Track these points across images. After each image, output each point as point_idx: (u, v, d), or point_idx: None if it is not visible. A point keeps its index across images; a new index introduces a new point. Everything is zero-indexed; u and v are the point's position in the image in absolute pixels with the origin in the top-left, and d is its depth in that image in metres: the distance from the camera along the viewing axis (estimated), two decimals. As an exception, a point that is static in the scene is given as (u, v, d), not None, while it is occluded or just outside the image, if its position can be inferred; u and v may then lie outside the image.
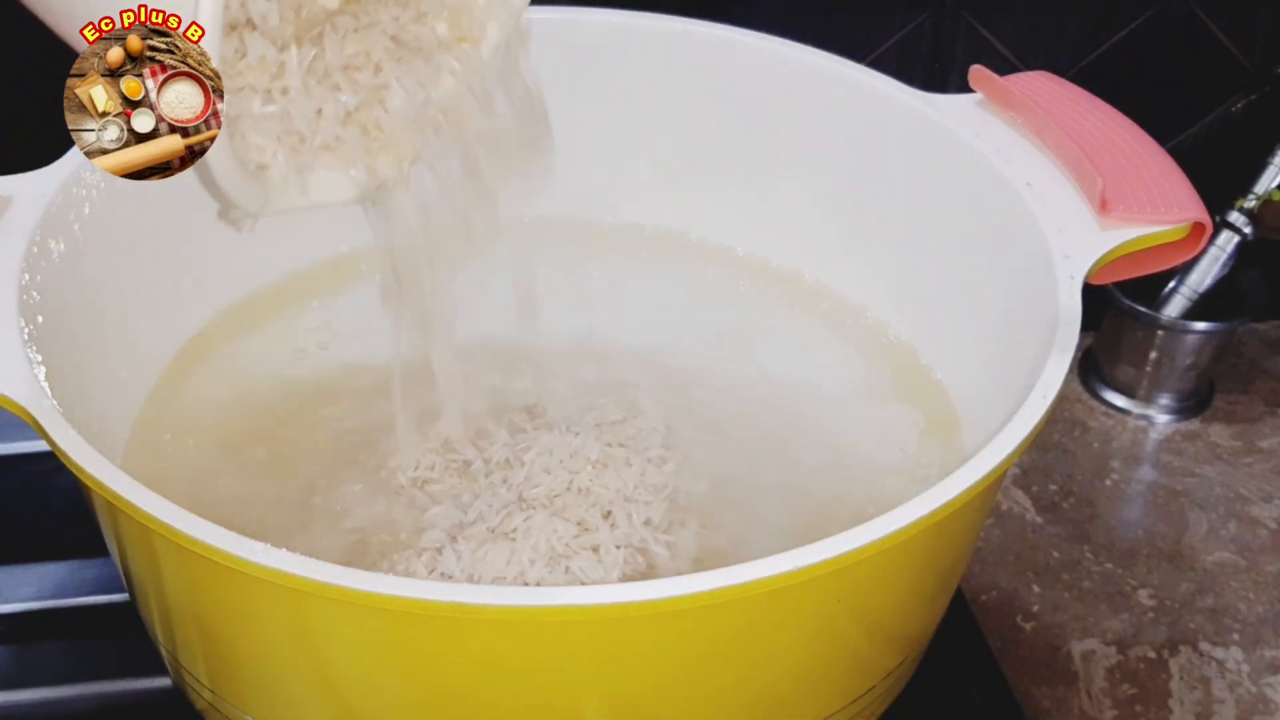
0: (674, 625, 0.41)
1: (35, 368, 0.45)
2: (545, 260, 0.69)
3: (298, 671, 0.45)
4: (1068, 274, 0.50)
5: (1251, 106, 0.84)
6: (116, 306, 0.56)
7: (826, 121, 0.63)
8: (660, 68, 0.66)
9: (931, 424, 0.60)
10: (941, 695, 0.58)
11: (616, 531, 0.52)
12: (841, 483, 0.57)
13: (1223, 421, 0.76)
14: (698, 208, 0.69)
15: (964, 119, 0.59)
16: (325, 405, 0.60)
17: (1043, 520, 0.70)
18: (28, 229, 0.50)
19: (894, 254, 0.64)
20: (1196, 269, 0.73)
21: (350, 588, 0.38)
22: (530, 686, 0.43)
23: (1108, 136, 0.56)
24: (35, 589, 0.61)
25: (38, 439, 0.43)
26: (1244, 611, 0.65)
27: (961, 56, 0.80)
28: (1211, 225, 0.54)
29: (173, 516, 0.40)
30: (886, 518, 0.40)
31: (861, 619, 0.46)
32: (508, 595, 0.38)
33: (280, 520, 0.54)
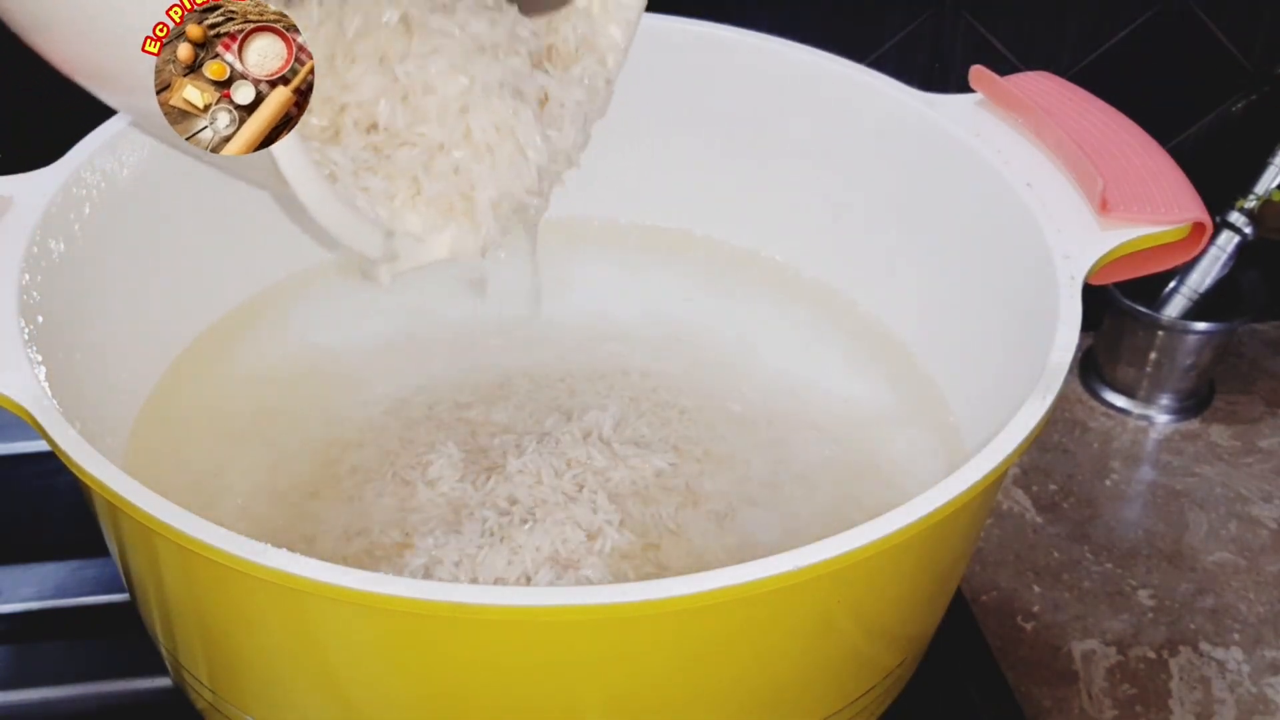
0: (674, 625, 0.41)
1: (35, 368, 0.45)
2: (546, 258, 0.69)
3: (298, 671, 0.45)
4: (1068, 274, 0.51)
5: (1251, 106, 0.84)
6: (117, 306, 0.56)
7: (827, 121, 0.64)
8: (661, 68, 0.66)
9: (931, 424, 0.60)
10: (941, 695, 0.58)
11: (619, 530, 0.53)
12: (841, 482, 0.57)
13: (1223, 422, 0.76)
14: (697, 206, 0.69)
15: (964, 119, 0.59)
16: (325, 405, 0.60)
17: (1043, 520, 0.70)
18: (28, 229, 0.50)
19: (894, 254, 0.64)
20: (1197, 269, 0.73)
21: (350, 588, 0.38)
22: (530, 686, 0.43)
23: (1108, 136, 0.56)
24: (36, 589, 0.61)
25: (38, 439, 0.43)
26: (1244, 612, 0.65)
27: (961, 56, 0.80)
28: (1211, 225, 0.54)
29: (173, 517, 0.40)
30: (886, 518, 0.40)
31: (861, 619, 0.46)
32: (508, 595, 0.38)
33: (281, 520, 0.54)
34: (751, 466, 0.57)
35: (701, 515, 0.54)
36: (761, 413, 0.60)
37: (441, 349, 0.63)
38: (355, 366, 0.62)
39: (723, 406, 0.61)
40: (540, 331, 0.64)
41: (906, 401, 0.61)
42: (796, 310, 0.66)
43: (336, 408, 0.60)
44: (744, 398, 0.61)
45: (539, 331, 0.64)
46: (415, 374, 0.62)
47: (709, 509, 0.55)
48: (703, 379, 0.62)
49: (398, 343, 0.64)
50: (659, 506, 0.54)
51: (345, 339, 0.64)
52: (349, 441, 0.58)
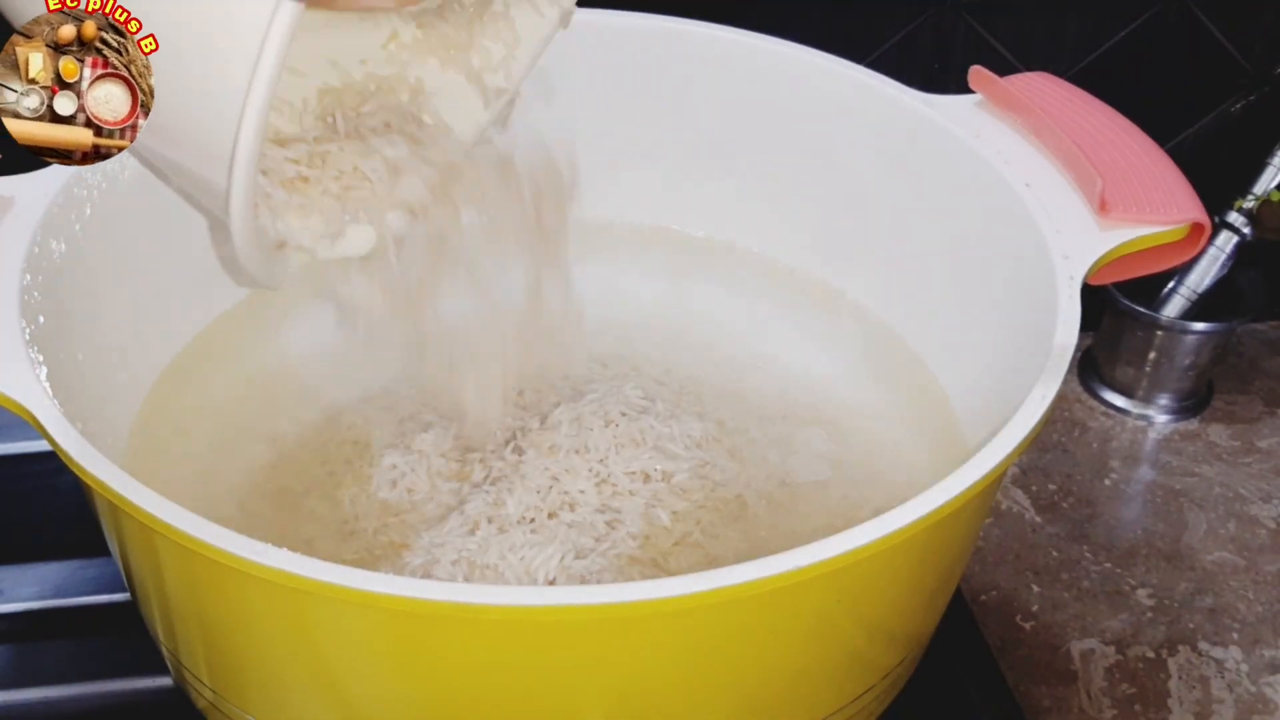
0: (674, 625, 0.41)
1: (37, 368, 0.45)
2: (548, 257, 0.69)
3: (298, 671, 0.45)
4: (1067, 274, 0.51)
5: (1251, 107, 0.84)
6: (117, 306, 0.56)
7: (827, 122, 0.64)
8: (661, 68, 0.66)
9: (931, 423, 0.60)
10: (941, 695, 0.58)
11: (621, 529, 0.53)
12: (842, 482, 0.57)
13: (1222, 421, 0.76)
14: (697, 206, 0.69)
15: (964, 119, 0.59)
16: (326, 404, 0.60)
17: (1042, 520, 0.70)
18: (29, 229, 0.51)
19: (894, 254, 0.64)
20: (1195, 269, 0.73)
21: (350, 587, 0.38)
22: (530, 686, 0.43)
23: (1107, 137, 0.56)
24: (36, 588, 0.61)
25: (39, 439, 0.43)
26: (1243, 611, 0.65)
27: (961, 57, 0.80)
28: (1210, 226, 0.54)
29: (174, 516, 0.40)
30: (886, 518, 0.40)
31: (861, 619, 0.46)
32: (508, 595, 0.38)
33: (280, 519, 0.55)
34: (752, 466, 0.57)
35: (703, 515, 0.54)
36: (762, 412, 0.61)
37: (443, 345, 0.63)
38: (354, 365, 0.62)
39: (723, 406, 0.61)
40: (541, 329, 0.64)
41: (905, 400, 0.62)
42: (796, 310, 0.66)
43: (336, 406, 0.60)
44: (743, 397, 0.61)
45: (539, 329, 0.64)
46: (413, 371, 0.62)
47: (711, 509, 0.55)
48: (702, 379, 0.62)
49: (397, 341, 0.64)
50: (660, 506, 0.54)
51: (344, 338, 0.64)
52: (349, 440, 0.58)
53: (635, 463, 0.55)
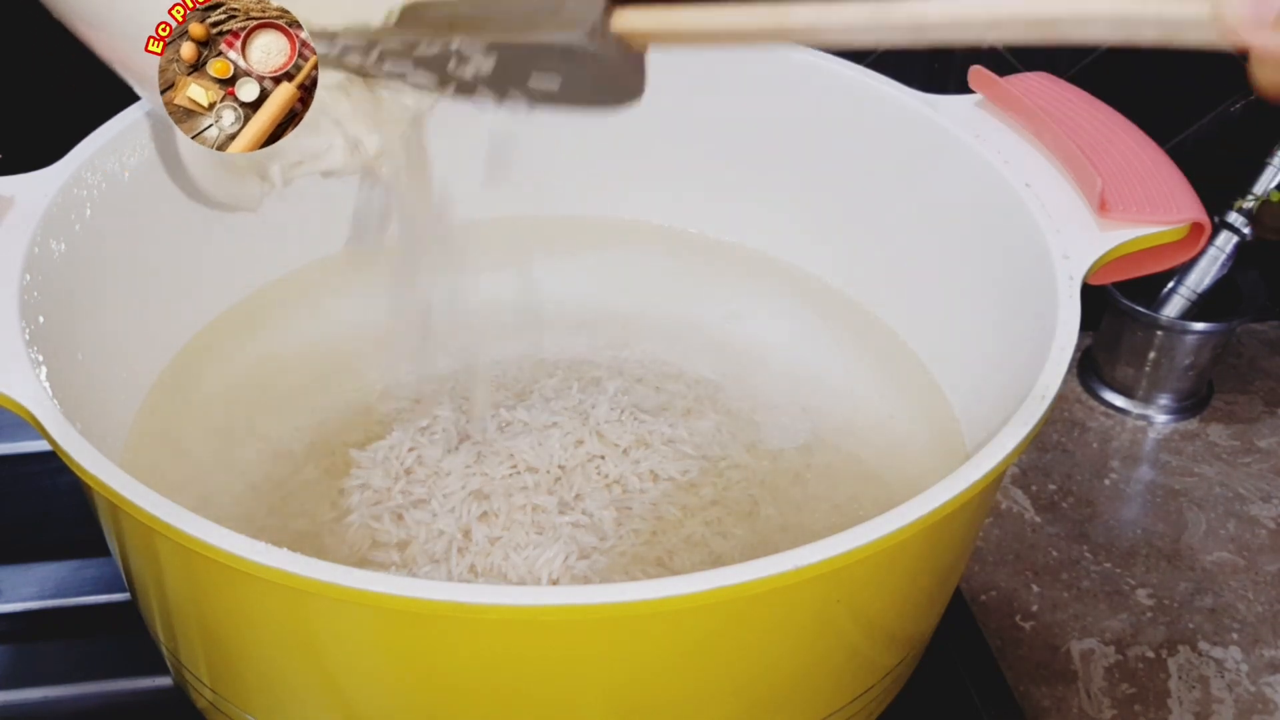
0: (674, 625, 0.41)
1: (36, 367, 0.45)
2: (547, 255, 0.69)
3: (298, 671, 0.45)
4: (1067, 274, 0.51)
5: (1250, 107, 0.84)
6: (117, 306, 0.56)
7: (826, 122, 0.64)
8: (660, 69, 0.66)
9: (930, 423, 0.60)
10: (941, 695, 0.58)
11: (622, 529, 0.53)
12: (841, 482, 0.57)
13: (1221, 421, 0.76)
14: (698, 207, 0.69)
15: (964, 119, 0.59)
16: (325, 404, 0.60)
17: (1042, 520, 0.70)
18: (29, 229, 0.50)
19: (893, 254, 0.64)
20: (1195, 269, 0.74)
21: (350, 587, 0.38)
22: (530, 686, 0.43)
23: (1107, 137, 0.56)
24: (36, 588, 0.61)
25: (39, 439, 0.43)
26: (1243, 611, 0.65)
27: (961, 57, 0.80)
28: (1210, 226, 0.54)
29: (174, 516, 0.40)
30: (886, 517, 0.40)
31: (861, 619, 0.46)
32: (507, 595, 0.38)
33: (281, 519, 0.55)
34: (753, 466, 0.57)
35: (704, 515, 0.54)
36: (767, 411, 0.61)
37: (441, 344, 0.63)
38: (353, 364, 0.62)
39: (724, 406, 0.61)
40: (541, 326, 0.65)
41: (905, 400, 0.62)
42: (795, 310, 0.67)
43: (335, 405, 0.60)
44: (743, 397, 0.61)
45: (540, 326, 0.65)
46: (413, 370, 0.62)
47: (712, 508, 0.55)
48: (702, 379, 0.62)
49: (396, 339, 0.64)
50: (661, 506, 0.54)
51: (343, 337, 0.64)
52: (348, 439, 0.58)
53: (644, 462, 0.55)
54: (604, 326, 0.65)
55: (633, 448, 0.56)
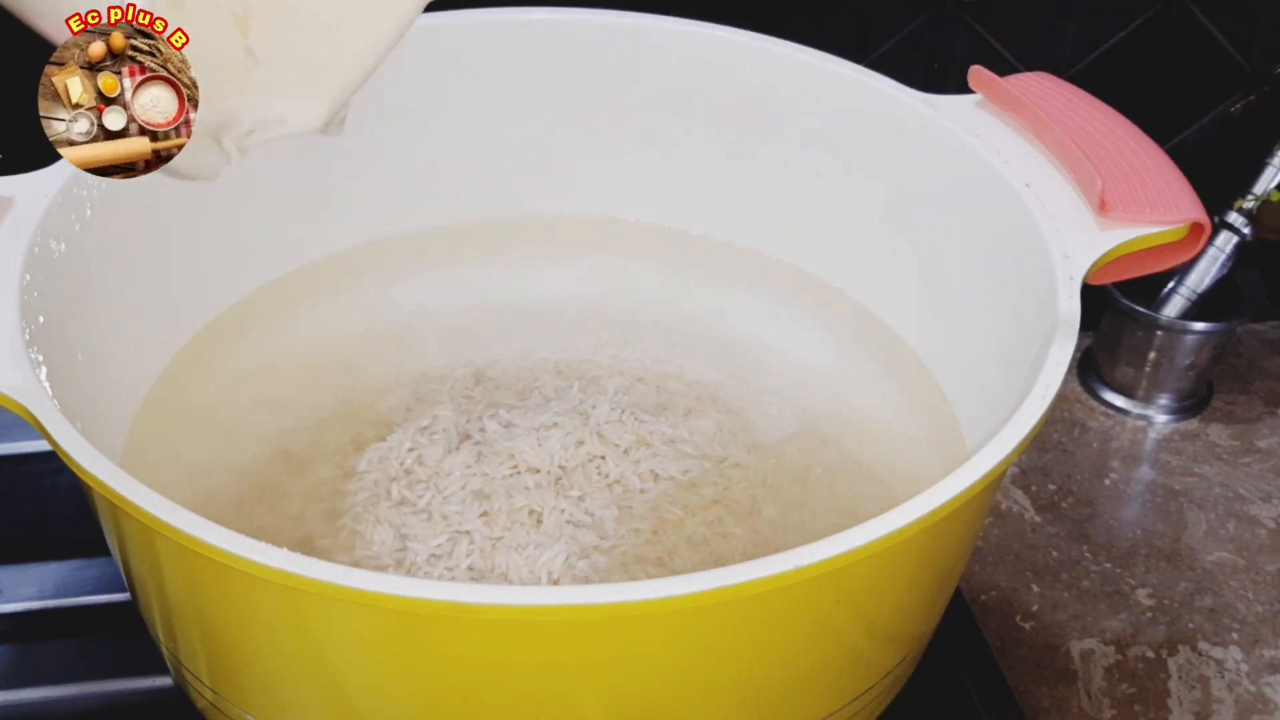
0: (674, 625, 0.41)
1: (36, 367, 0.45)
2: (547, 255, 0.69)
3: (298, 671, 0.45)
4: (1067, 274, 0.51)
5: (1250, 107, 0.84)
6: (117, 306, 0.56)
7: (826, 122, 0.64)
8: (660, 68, 0.66)
9: (931, 423, 0.60)
10: (941, 695, 0.58)
11: (623, 529, 0.53)
12: (841, 482, 0.57)
13: (1221, 421, 0.76)
14: (696, 205, 0.69)
15: (963, 119, 0.59)
16: (324, 404, 0.60)
17: (1042, 520, 0.70)
18: (29, 229, 0.50)
19: (894, 254, 0.64)
20: (1195, 269, 0.74)
21: (350, 587, 0.38)
22: (530, 686, 0.43)
23: (1107, 137, 0.56)
24: (36, 589, 0.61)
25: (39, 439, 0.43)
26: (1243, 611, 0.65)
27: (961, 57, 0.80)
28: (1210, 226, 0.54)
29: (174, 516, 0.40)
30: (886, 517, 0.40)
31: (861, 618, 0.46)
32: (508, 595, 0.38)
33: (281, 519, 0.54)
34: (752, 466, 0.57)
35: (705, 515, 0.54)
36: (767, 411, 0.61)
37: (440, 343, 0.63)
38: (353, 363, 0.62)
39: (724, 406, 0.61)
40: (541, 327, 0.65)
41: (905, 400, 0.62)
42: (796, 310, 0.67)
43: (335, 406, 0.60)
44: (744, 397, 0.61)
45: (540, 326, 0.65)
46: (412, 370, 0.62)
47: (712, 508, 0.55)
48: (702, 379, 0.62)
49: (395, 339, 0.64)
50: (662, 506, 0.54)
51: (342, 337, 0.64)
52: (348, 439, 0.58)
53: (645, 462, 0.55)
54: (604, 326, 0.65)
55: (633, 447, 0.56)
